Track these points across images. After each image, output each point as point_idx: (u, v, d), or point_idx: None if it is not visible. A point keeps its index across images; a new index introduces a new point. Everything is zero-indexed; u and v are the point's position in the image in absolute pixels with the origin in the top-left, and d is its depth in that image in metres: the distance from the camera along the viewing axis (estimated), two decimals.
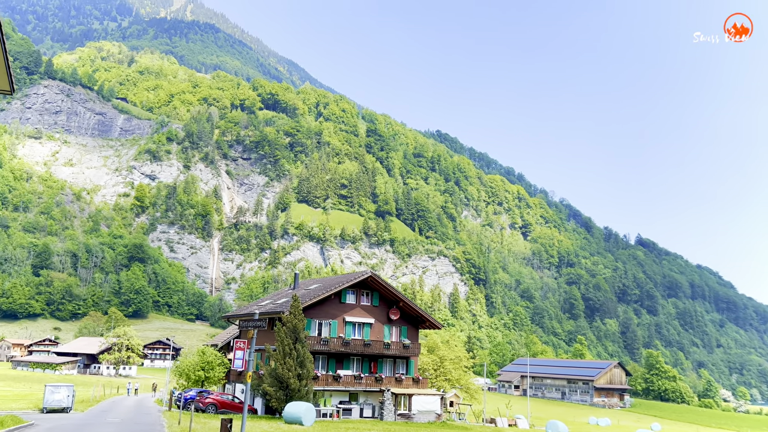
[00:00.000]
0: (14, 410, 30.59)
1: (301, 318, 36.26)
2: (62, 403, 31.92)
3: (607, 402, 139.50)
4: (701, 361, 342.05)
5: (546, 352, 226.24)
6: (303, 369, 35.22)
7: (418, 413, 42.51)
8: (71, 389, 32.69)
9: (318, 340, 41.05)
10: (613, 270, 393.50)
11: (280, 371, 34.67)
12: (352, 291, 44.41)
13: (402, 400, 42.71)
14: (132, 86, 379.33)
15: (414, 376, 45.83)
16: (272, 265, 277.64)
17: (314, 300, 40.85)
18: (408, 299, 46.49)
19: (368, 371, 44.30)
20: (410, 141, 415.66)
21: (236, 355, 22.91)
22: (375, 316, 44.96)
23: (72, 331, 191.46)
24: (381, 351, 43.83)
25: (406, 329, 46.29)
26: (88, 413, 33.04)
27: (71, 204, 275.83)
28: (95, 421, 27.79)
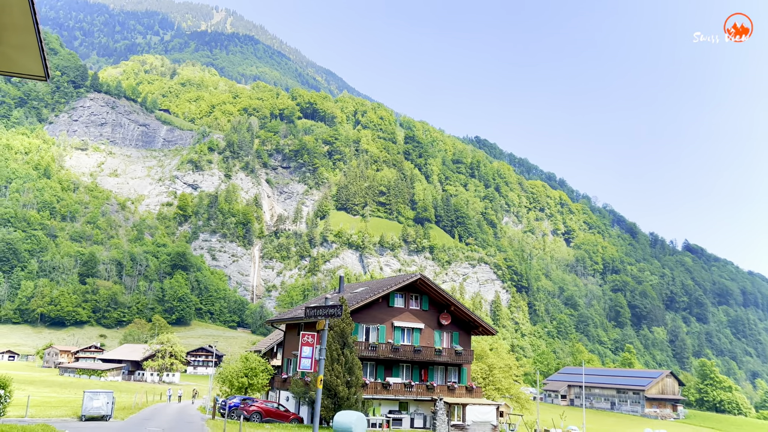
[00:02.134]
0: (52, 418, 29.38)
1: (349, 322, 34.36)
2: (101, 411, 30.31)
3: (660, 413, 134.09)
4: (755, 371, 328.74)
5: (592, 360, 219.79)
6: (352, 376, 33.28)
7: (472, 424, 40.13)
8: (111, 396, 31.06)
9: (366, 345, 39.10)
10: (660, 277, 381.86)
11: (328, 378, 32.79)
12: (400, 294, 42.34)
13: (455, 411, 40.40)
14: (174, 98, 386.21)
15: (467, 384, 43.43)
16: (312, 273, 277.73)
17: (361, 303, 38.94)
18: (460, 303, 44.17)
19: (419, 379, 42.12)
20: (449, 147, 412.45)
21: (302, 353, 17.88)
22: (425, 320, 42.79)
23: (117, 339, 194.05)
24: (432, 358, 41.60)
25: (458, 335, 43.96)
26: (128, 421, 31.44)
27: (116, 213, 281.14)
28: (135, 430, 26.07)
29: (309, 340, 17.72)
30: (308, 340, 17.72)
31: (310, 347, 17.41)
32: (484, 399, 44.97)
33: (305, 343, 17.60)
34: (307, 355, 17.54)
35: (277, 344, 56.85)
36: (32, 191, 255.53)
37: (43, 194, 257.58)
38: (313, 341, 17.53)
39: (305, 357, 17.61)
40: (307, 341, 17.72)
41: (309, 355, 17.49)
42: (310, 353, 17.49)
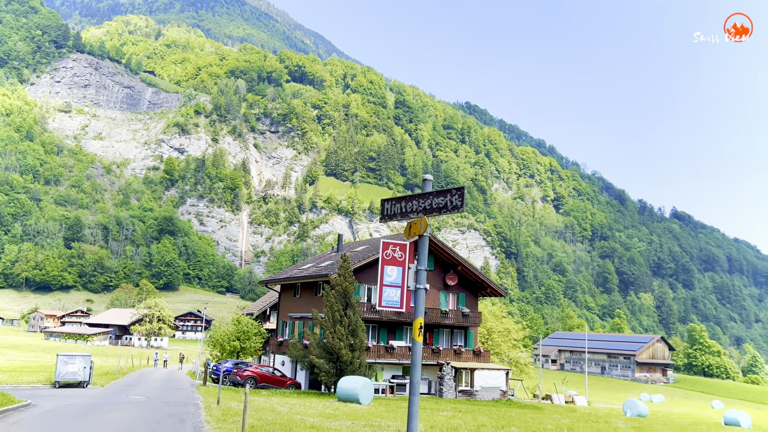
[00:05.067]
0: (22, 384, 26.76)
1: (352, 280, 31.91)
2: (77, 376, 27.42)
3: (650, 377, 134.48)
4: (739, 336, 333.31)
5: (582, 326, 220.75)
6: (355, 338, 31.00)
7: (481, 390, 38.21)
8: (88, 360, 28.09)
9: (368, 307, 36.80)
10: (648, 243, 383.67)
11: (330, 341, 30.48)
12: None
13: (462, 375, 38.42)
14: (159, 59, 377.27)
15: (474, 348, 41.40)
16: (301, 239, 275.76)
17: (363, 262, 36.51)
18: (467, 263, 41.84)
19: (423, 342, 39.95)
20: (439, 113, 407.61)
21: (385, 278, 9.62)
22: (430, 281, 40.41)
23: (104, 303, 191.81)
24: (438, 320, 39.40)
25: (465, 296, 41.75)
26: (109, 388, 28.69)
27: (101, 177, 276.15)
28: (114, 399, 23.16)
29: (398, 256, 9.58)
30: (396, 256, 9.57)
31: (399, 267, 9.31)
32: (492, 363, 43.09)
33: (390, 260, 9.56)
34: (393, 280, 9.31)
35: (270, 306, 54.66)
36: (14, 154, 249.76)
37: (25, 157, 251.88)
38: (404, 257, 9.39)
39: (391, 284, 9.34)
40: (393, 257, 9.60)
41: (397, 281, 9.31)
42: (398, 277, 9.31)
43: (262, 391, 32.74)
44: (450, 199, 9.10)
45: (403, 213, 9.66)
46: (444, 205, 9.16)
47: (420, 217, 9.27)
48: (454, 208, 9.07)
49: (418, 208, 9.39)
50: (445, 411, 26.27)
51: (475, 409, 29.06)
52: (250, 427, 14.74)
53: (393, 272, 9.41)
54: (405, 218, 9.58)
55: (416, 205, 9.45)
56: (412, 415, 8.29)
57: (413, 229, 9.29)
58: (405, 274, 9.42)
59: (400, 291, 9.39)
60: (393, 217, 9.99)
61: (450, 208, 9.10)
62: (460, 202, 9.02)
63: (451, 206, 9.09)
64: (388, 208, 10.03)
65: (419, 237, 9.13)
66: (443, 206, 9.17)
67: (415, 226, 9.26)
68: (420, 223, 9.14)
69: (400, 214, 9.75)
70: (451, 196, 9.11)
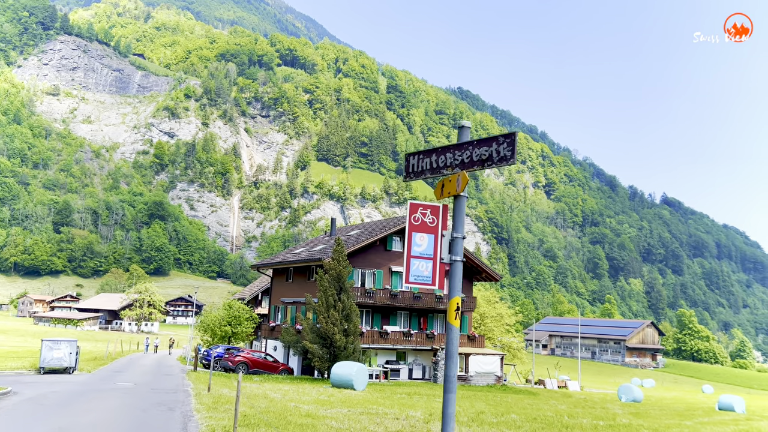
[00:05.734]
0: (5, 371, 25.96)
1: (346, 264, 31.31)
2: (63, 362, 26.63)
3: (640, 362, 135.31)
4: (727, 321, 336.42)
5: (572, 311, 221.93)
6: (349, 323, 30.46)
7: (476, 375, 37.88)
8: (74, 345, 27.24)
9: (362, 291, 36.27)
10: (638, 229, 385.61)
11: (324, 326, 29.92)
12: (398, 237, 39.40)
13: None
14: (149, 42, 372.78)
15: (469, 333, 41.03)
16: (292, 224, 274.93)
17: (357, 246, 35.93)
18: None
19: (418, 328, 39.56)
20: (431, 98, 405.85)
21: (413, 248, 7.55)
22: None
23: (94, 288, 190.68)
24: (432, 305, 38.92)
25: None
26: (96, 374, 27.87)
27: (90, 161, 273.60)
28: (100, 386, 22.31)
29: (429, 221, 7.74)
30: (427, 221, 7.73)
31: (431, 234, 7.64)
32: (486, 348, 42.75)
33: (419, 226, 7.71)
34: (423, 251, 7.59)
35: (262, 291, 54.09)
36: (2, 137, 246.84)
37: (13, 141, 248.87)
38: (436, 222, 7.68)
39: (420, 255, 7.59)
40: (423, 222, 7.74)
41: (428, 252, 7.60)
42: (429, 247, 7.62)
43: (254, 376, 32.24)
44: (496, 148, 7.04)
45: (434, 169, 7.80)
46: (488, 157, 7.15)
47: (456, 173, 7.44)
48: (502, 160, 7.04)
49: (454, 161, 7.53)
50: (441, 397, 25.86)
51: (471, 395, 28.70)
52: (243, 415, 14.13)
53: (423, 241, 7.52)
54: (436, 175, 7.80)
55: (452, 158, 7.57)
56: (447, 416, 6.58)
57: (447, 188, 7.54)
58: (438, 243, 7.52)
59: (432, 264, 7.50)
60: (421, 174, 8.01)
61: (496, 161, 7.10)
62: (510, 152, 6.93)
63: (498, 158, 7.08)
64: (415, 164, 8.09)
65: (455, 198, 7.41)
66: (487, 158, 7.17)
67: (450, 184, 7.47)
68: (457, 180, 7.35)
69: (431, 170, 7.84)
70: (498, 145, 7.04)
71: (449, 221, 7.59)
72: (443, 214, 7.64)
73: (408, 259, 7.50)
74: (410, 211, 7.72)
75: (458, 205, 7.30)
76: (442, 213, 7.65)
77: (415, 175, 8.08)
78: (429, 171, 7.85)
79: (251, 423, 13.42)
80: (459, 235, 7.30)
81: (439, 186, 7.66)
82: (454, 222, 7.33)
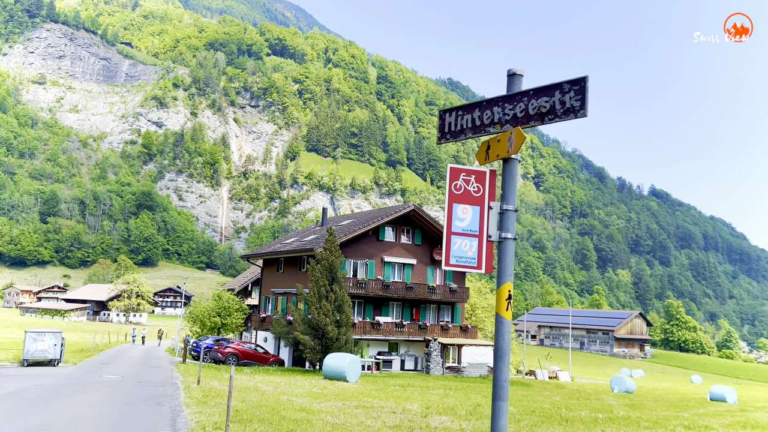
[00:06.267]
0: None
1: (338, 254, 30.80)
2: (47, 354, 25.87)
3: (628, 353, 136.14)
4: (713, 312, 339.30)
5: (561, 302, 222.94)
6: (341, 314, 29.99)
7: (468, 366, 37.63)
8: (59, 337, 26.44)
9: (354, 282, 35.81)
10: (627, 221, 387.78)
11: (316, 317, 29.42)
12: (391, 227, 38.94)
13: (450, 352, 37.73)
14: (136, 31, 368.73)
15: (461, 324, 40.74)
16: (282, 215, 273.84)
17: (349, 236, 35.43)
18: None
19: (410, 318, 39.19)
20: (421, 89, 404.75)
21: (453, 222, 5.75)
22: (417, 256, 39.59)
23: (81, 279, 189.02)
24: (425, 296, 38.55)
25: (452, 272, 41.01)
26: (81, 367, 27.06)
27: (78, 151, 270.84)
28: (85, 379, 21.94)
29: (473, 189, 6.02)
30: (471, 189, 6.02)
31: (476, 206, 5.94)
32: (479, 339, 42.49)
33: (462, 196, 5.98)
34: (466, 226, 5.87)
35: (252, 282, 53.51)
36: None
37: None
38: (482, 192, 5.99)
39: (463, 232, 5.85)
40: (467, 191, 6.01)
41: (473, 228, 5.88)
42: (474, 221, 5.90)
43: (244, 368, 31.76)
44: (560, 98, 5.40)
45: (476, 127, 6.17)
46: (550, 110, 5.54)
47: (506, 130, 5.92)
48: (569, 112, 5.37)
49: (504, 117, 5.96)
50: (435, 389, 25.49)
51: (465, 386, 28.37)
52: (234, 410, 13.57)
53: (466, 214, 5.93)
54: (479, 134, 6.19)
55: (500, 112, 5.98)
56: (499, 429, 5.13)
57: (495, 149, 6.03)
58: (485, 216, 5.93)
59: (478, 243, 5.87)
60: (460, 134, 6.33)
61: (561, 113, 5.44)
62: (579, 101, 5.26)
63: (563, 110, 5.41)
64: (452, 122, 6.38)
65: (505, 161, 5.96)
66: (549, 110, 5.54)
67: (498, 145, 5.96)
68: (508, 139, 5.81)
69: (472, 128, 6.21)
70: (563, 94, 5.38)
71: (497, 191, 6.17)
72: (491, 181, 6.09)
73: (448, 237, 5.85)
74: (450, 177, 6.08)
75: (509, 169, 5.86)
76: (489, 180, 6.09)
77: (453, 136, 6.41)
78: (470, 130, 6.27)
79: (243, 418, 12.88)
80: (510, 208, 5.81)
81: (483, 148, 6.22)
82: (505, 191, 5.85)
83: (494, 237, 5.77)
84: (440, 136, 6.51)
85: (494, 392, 5.23)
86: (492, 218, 5.84)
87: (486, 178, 6.04)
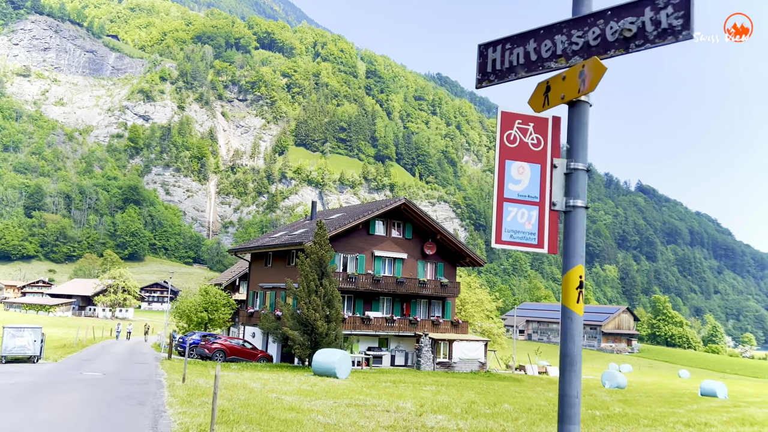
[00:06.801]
0: None
1: (328, 248, 30.21)
2: (26, 351, 25.03)
3: (615, 347, 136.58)
4: (699, 307, 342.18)
5: (549, 297, 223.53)
6: (331, 309, 29.41)
7: (459, 362, 37.17)
8: (39, 333, 25.54)
9: (344, 276, 35.23)
10: (614, 216, 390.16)
11: (305, 312, 28.82)
12: (381, 221, 38.37)
13: (440, 347, 37.27)
14: (123, 23, 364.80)
15: (452, 319, 40.28)
16: (270, 209, 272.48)
17: (339, 230, 34.80)
18: (446, 231, 40.44)
19: (400, 313, 38.67)
20: (410, 83, 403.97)
21: (505, 184, 4.28)
22: (407, 250, 39.06)
23: (67, 273, 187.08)
24: (415, 290, 38.02)
25: (443, 266, 40.47)
26: (62, 363, 26.14)
27: (63, 144, 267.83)
28: (65, 376, 20.99)
29: (531, 142, 4.44)
30: (530, 141, 4.46)
31: (536, 164, 4.39)
32: (470, 335, 42.06)
33: (516, 149, 4.40)
34: (523, 191, 4.38)
35: (240, 277, 52.78)
36: None
37: None
38: (543, 145, 4.43)
39: (518, 198, 4.34)
40: (522, 144, 4.43)
41: (531, 193, 4.39)
42: (533, 184, 4.36)
43: (231, 364, 31.12)
44: (653, 16, 3.92)
45: (533, 63, 4.58)
46: (638, 32, 4.00)
47: (573, 64, 4.32)
48: (665, 34, 3.86)
49: (572, 46, 4.36)
50: (428, 385, 24.98)
51: (457, 383, 27.90)
52: (221, 410, 12.89)
53: (523, 174, 4.44)
54: (535, 72, 4.59)
55: (565, 41, 4.39)
56: None
57: (559, 90, 4.41)
58: (547, 178, 4.41)
59: (538, 213, 4.44)
60: (509, 73, 4.71)
61: (653, 37, 3.93)
62: (683, 18, 3.77)
63: (657, 32, 3.91)
64: (497, 59, 4.76)
65: (572, 105, 4.37)
66: (636, 34, 4.00)
67: (564, 84, 4.35)
68: (579, 75, 4.18)
69: (526, 64, 4.62)
70: (656, 11, 3.90)
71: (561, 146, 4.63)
72: (554, 131, 4.59)
73: (499, 205, 4.34)
74: (502, 125, 4.50)
75: (579, 116, 4.31)
76: (552, 130, 4.57)
77: (498, 77, 4.73)
78: (523, 67, 4.63)
79: (230, 419, 12.20)
80: (581, 166, 4.28)
81: (540, 90, 4.67)
82: (573, 144, 4.31)
83: (559, 205, 4.36)
84: (480, 77, 4.88)
85: (561, 413, 3.76)
86: (556, 180, 4.39)
87: (549, 127, 4.57)
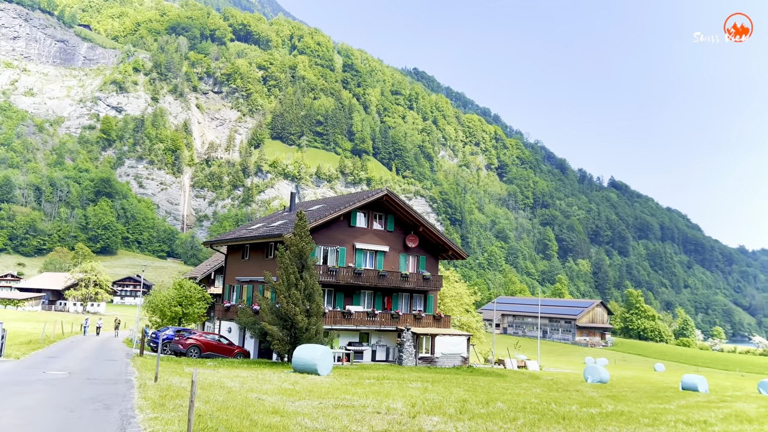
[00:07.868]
0: None
1: (309, 240, 29.08)
2: None
3: (589, 341, 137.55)
4: (669, 301, 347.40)
5: (524, 291, 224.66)
6: (312, 303, 28.33)
7: (442, 356, 36.40)
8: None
9: (324, 270, 34.17)
10: (587, 211, 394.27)
11: (285, 306, 27.71)
12: (363, 213, 37.36)
13: (423, 342, 36.44)
14: (95, 13, 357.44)
15: (434, 313, 39.46)
16: (246, 203, 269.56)
17: (320, 222, 33.69)
18: (429, 224, 39.56)
19: (382, 307, 37.70)
20: (387, 78, 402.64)
21: None
22: (389, 243, 38.12)
23: (37, 267, 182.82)
24: (397, 284, 37.09)
25: (425, 259, 39.61)
26: (25, 361, 24.22)
27: (33, 135, 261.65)
28: (25, 376, 19.27)
29: None
30: None
31: None
32: (452, 329, 41.32)
33: None
34: None
35: (215, 270, 51.38)
36: None
37: None
38: None
39: None
40: None
41: None
42: None
43: (207, 361, 29.92)
44: None
45: None
46: None
47: None
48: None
49: None
50: (413, 382, 24.10)
51: (442, 378, 27.10)
52: (197, 414, 11.61)
53: None
54: None
55: None
56: None
57: None
58: None
59: None
60: None
61: None
62: None
63: None
64: None
65: None
66: None
67: None
68: None
69: None
70: None
71: None
72: None
73: None
74: None
75: None
76: None
77: None
78: None
79: (207, 426, 10.98)
80: None
81: None
82: None
83: None
84: None
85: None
86: None
87: None
